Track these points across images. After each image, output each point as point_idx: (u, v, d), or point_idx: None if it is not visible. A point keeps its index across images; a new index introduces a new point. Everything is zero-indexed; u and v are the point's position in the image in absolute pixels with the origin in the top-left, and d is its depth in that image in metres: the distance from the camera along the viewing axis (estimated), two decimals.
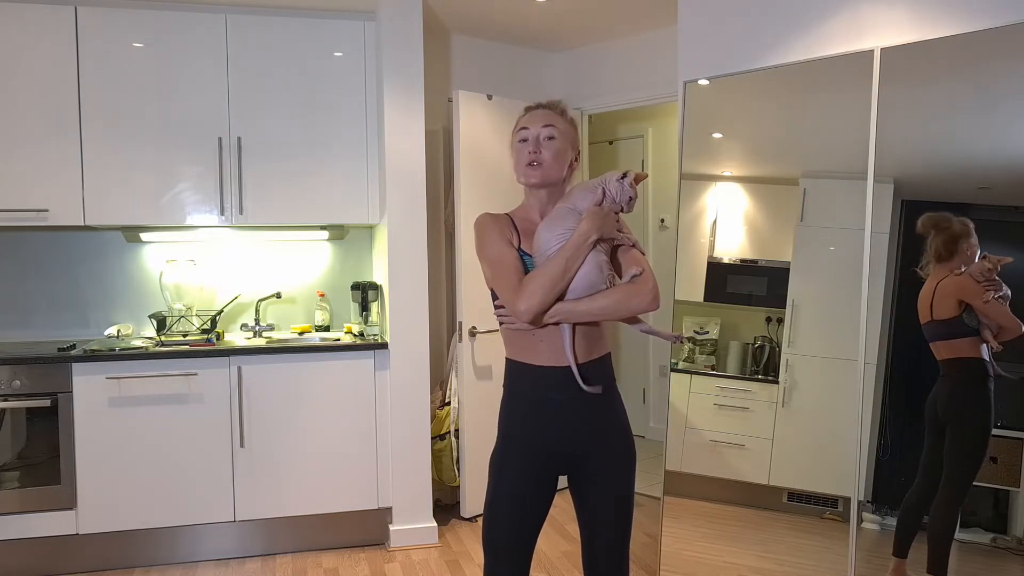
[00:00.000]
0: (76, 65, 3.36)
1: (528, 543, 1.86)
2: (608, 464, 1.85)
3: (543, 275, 1.72)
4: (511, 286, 1.74)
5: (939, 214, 2.41)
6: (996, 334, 2.31)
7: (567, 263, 1.72)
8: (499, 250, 1.80)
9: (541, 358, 1.81)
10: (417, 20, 3.52)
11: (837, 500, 2.62)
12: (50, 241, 3.71)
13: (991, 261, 2.31)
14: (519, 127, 1.90)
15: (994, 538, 2.33)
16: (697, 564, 2.89)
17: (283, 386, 3.41)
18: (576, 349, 1.79)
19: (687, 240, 3.01)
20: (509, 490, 1.84)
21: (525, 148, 1.85)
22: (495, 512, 1.85)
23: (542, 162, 1.83)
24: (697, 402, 2.97)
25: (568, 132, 1.89)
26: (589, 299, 1.74)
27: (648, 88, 4.20)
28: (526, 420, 1.84)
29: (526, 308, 1.71)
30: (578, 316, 1.76)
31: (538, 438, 1.83)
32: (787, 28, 2.75)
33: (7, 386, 3.15)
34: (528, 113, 1.91)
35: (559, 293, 1.73)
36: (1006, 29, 2.24)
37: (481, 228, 1.85)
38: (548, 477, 1.86)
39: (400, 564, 3.35)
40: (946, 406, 2.40)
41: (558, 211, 1.81)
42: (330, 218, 3.65)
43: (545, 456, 1.84)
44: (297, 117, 3.59)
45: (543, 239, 1.77)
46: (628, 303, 1.75)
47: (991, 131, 2.31)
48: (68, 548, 3.24)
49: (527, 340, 1.82)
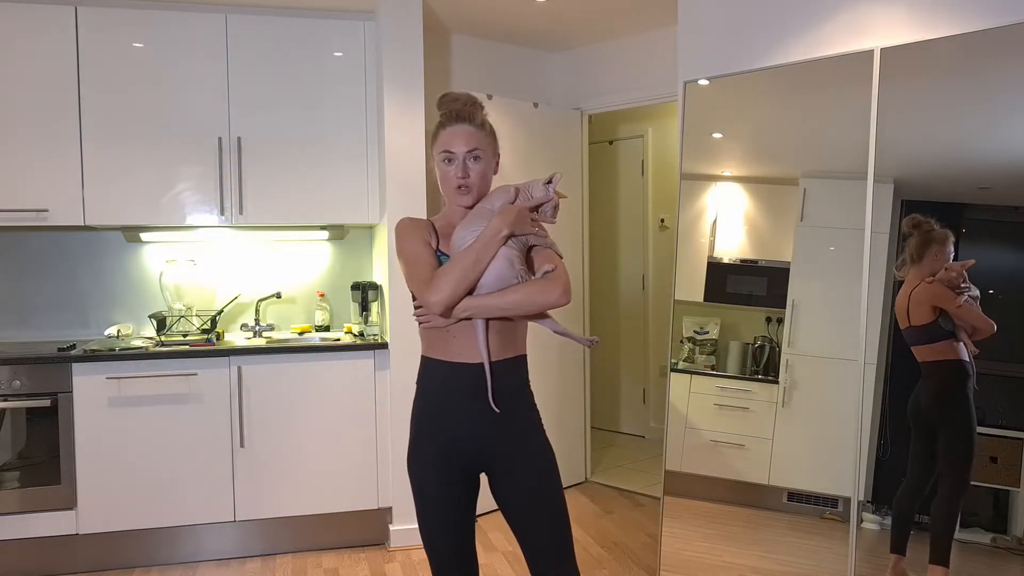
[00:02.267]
0: (76, 65, 3.36)
1: (466, 540, 1.86)
2: (521, 462, 1.83)
3: (453, 267, 1.74)
4: (423, 280, 1.76)
5: (924, 218, 2.45)
6: (971, 334, 2.38)
7: (477, 255, 1.73)
8: (415, 249, 1.82)
9: (453, 354, 1.82)
10: (417, 20, 3.52)
11: (837, 500, 2.62)
12: (50, 241, 3.71)
13: (954, 270, 2.38)
14: (442, 147, 1.84)
15: (994, 538, 2.33)
16: (697, 564, 2.89)
17: (283, 386, 3.41)
18: (490, 346, 1.80)
19: (687, 240, 3.01)
20: (431, 488, 1.84)
21: (451, 171, 1.83)
22: (422, 513, 1.86)
23: (471, 185, 1.83)
24: (697, 402, 2.97)
25: (490, 144, 1.87)
26: (499, 294, 1.75)
27: (648, 88, 4.20)
28: (435, 416, 1.84)
29: (436, 300, 1.73)
30: (487, 311, 1.76)
31: (446, 432, 1.83)
32: (787, 28, 2.75)
33: (7, 386, 3.15)
34: (448, 129, 1.84)
35: (470, 286, 1.74)
36: (1006, 29, 2.24)
37: (400, 230, 1.86)
38: (463, 474, 1.85)
39: (400, 564, 3.35)
40: (931, 408, 2.45)
41: (476, 211, 1.84)
42: (330, 218, 3.65)
43: (455, 451, 1.83)
44: (297, 117, 3.59)
45: (458, 237, 1.80)
46: (537, 298, 1.75)
47: (991, 131, 2.31)
48: (68, 548, 3.23)
49: (441, 337, 1.83)
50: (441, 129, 1.86)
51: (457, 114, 1.85)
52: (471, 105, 1.87)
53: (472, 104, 1.87)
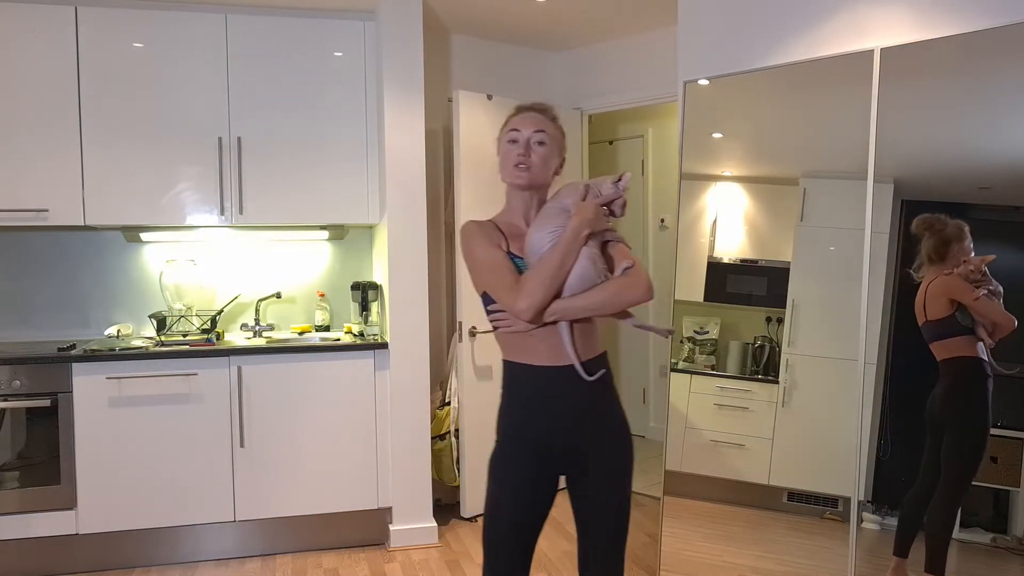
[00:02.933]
0: (76, 65, 3.36)
1: (528, 544, 1.86)
2: (606, 464, 1.85)
3: (540, 272, 1.72)
4: (508, 286, 1.74)
5: (934, 216, 2.41)
6: (991, 331, 2.30)
7: (563, 258, 1.72)
8: (490, 254, 1.80)
9: (541, 358, 1.81)
10: (417, 20, 3.52)
11: (837, 500, 2.62)
12: (50, 241, 3.71)
13: (973, 263, 2.32)
14: (509, 127, 1.89)
15: (994, 538, 2.33)
16: (697, 564, 2.89)
17: (283, 386, 3.41)
18: (576, 347, 1.79)
19: (687, 240, 3.01)
20: (511, 490, 1.83)
21: (514, 150, 1.85)
22: (495, 513, 1.85)
23: (530, 165, 1.83)
24: (697, 402, 2.97)
25: (557, 138, 1.90)
26: (584, 294, 1.75)
27: (648, 88, 4.20)
28: (526, 420, 1.84)
29: (527, 306, 1.71)
30: (576, 312, 1.76)
31: (538, 437, 1.83)
32: (787, 28, 2.75)
33: (7, 386, 3.15)
34: (520, 114, 1.90)
35: (557, 289, 1.73)
36: (1006, 29, 2.24)
37: (469, 235, 1.84)
38: (548, 477, 1.86)
39: (400, 564, 3.35)
40: (942, 406, 2.39)
41: (547, 210, 1.82)
42: (330, 218, 3.65)
43: (545, 456, 1.84)
44: (297, 117, 3.59)
45: (535, 238, 1.78)
46: (624, 296, 1.76)
47: (991, 131, 2.31)
48: (68, 548, 3.23)
49: (525, 341, 1.82)
50: (510, 117, 1.90)
51: (531, 107, 1.90)
52: (545, 104, 1.93)
53: (546, 104, 1.93)
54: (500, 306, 1.80)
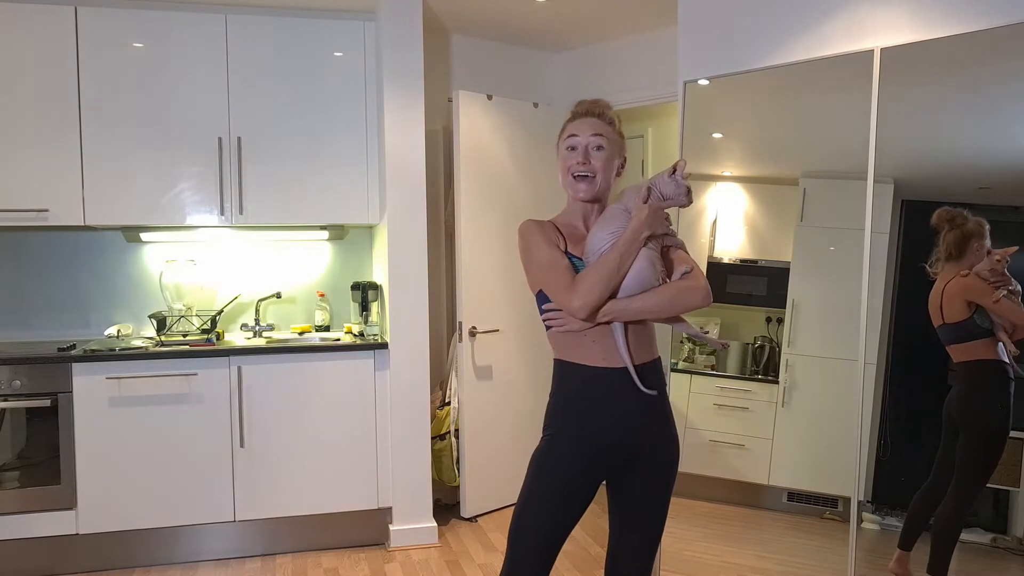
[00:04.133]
0: (76, 65, 3.36)
1: (556, 543, 1.82)
2: (653, 469, 1.84)
3: (597, 270, 1.72)
4: (564, 285, 1.74)
5: (956, 209, 2.35)
6: (1011, 333, 2.24)
7: (621, 258, 1.71)
8: (548, 253, 1.79)
9: (595, 359, 1.79)
10: (417, 20, 3.52)
11: (837, 500, 2.62)
12: (50, 241, 3.71)
13: (998, 254, 2.25)
14: (567, 133, 1.87)
15: (994, 538, 2.33)
16: (697, 564, 2.89)
17: (283, 386, 3.41)
18: (631, 350, 1.78)
19: (687, 240, 2.98)
20: (551, 485, 1.80)
21: (573, 157, 1.84)
22: (530, 506, 1.80)
23: (592, 172, 1.82)
24: (697, 402, 2.97)
25: (616, 141, 1.88)
26: (642, 296, 1.74)
27: (648, 88, 4.20)
28: (578, 417, 1.81)
29: (581, 304, 1.71)
30: (631, 314, 1.75)
31: (590, 434, 1.80)
32: (787, 28, 2.75)
33: (7, 386, 3.15)
34: (577, 120, 1.88)
35: (613, 289, 1.72)
36: (1006, 29, 2.24)
37: (528, 234, 1.83)
38: (592, 479, 1.83)
39: (400, 564, 3.35)
40: (960, 409, 2.34)
41: (611, 211, 1.81)
42: (330, 218, 3.65)
43: (595, 454, 1.81)
44: (297, 117, 3.59)
45: (596, 239, 1.77)
46: (681, 300, 1.75)
47: (991, 131, 2.31)
48: (68, 548, 3.23)
49: (579, 341, 1.80)
50: (568, 122, 1.88)
51: (587, 110, 1.87)
52: (602, 105, 1.89)
53: (603, 104, 1.89)
54: (555, 304, 1.79)
